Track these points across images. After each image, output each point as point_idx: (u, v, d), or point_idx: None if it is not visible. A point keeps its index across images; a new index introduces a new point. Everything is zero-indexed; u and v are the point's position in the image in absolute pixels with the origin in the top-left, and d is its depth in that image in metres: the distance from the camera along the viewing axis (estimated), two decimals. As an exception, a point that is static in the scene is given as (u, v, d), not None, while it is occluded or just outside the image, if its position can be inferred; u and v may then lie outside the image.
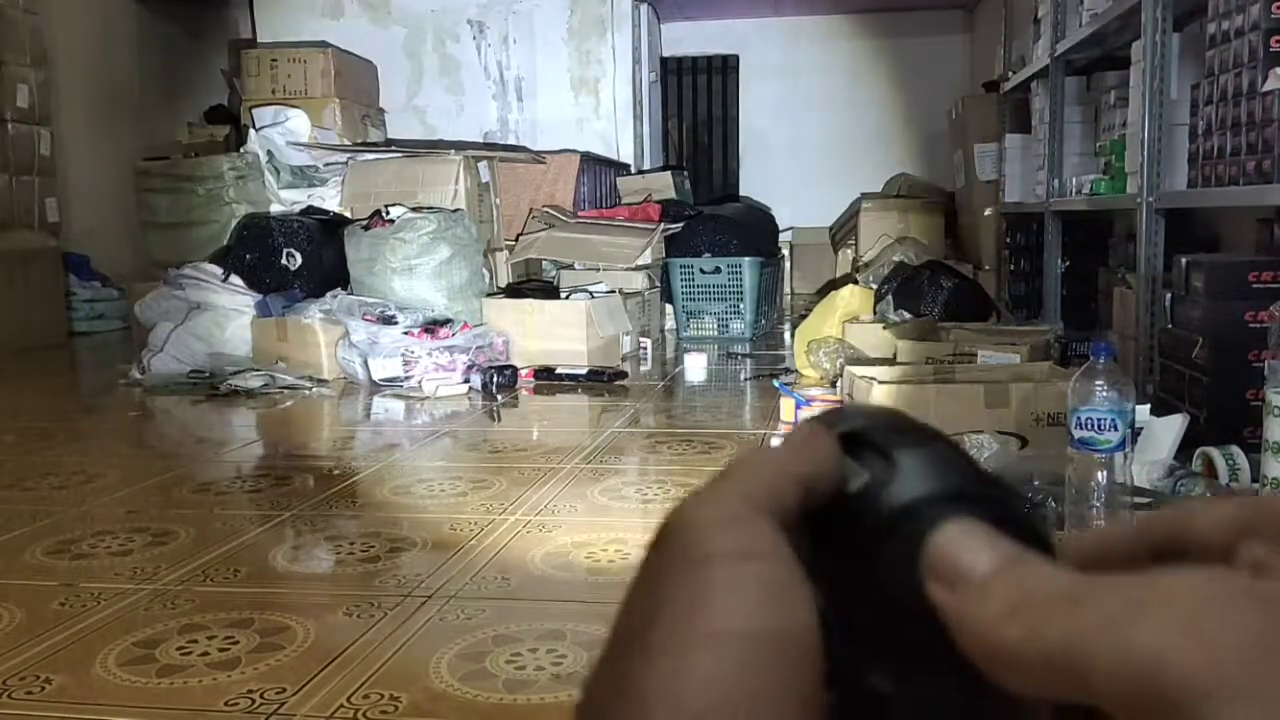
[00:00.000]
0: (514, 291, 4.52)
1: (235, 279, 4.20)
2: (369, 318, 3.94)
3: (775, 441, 0.25)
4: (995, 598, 0.21)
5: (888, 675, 0.24)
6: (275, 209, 4.68)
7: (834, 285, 4.84)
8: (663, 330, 5.28)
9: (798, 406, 3.04)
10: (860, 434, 0.27)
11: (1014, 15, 5.52)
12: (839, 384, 3.31)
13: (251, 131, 5.02)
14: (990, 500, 0.25)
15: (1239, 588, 0.19)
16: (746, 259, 5.29)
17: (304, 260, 4.18)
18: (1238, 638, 0.18)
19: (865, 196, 6.13)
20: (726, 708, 0.21)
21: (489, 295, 4.43)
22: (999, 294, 4.87)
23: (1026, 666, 0.20)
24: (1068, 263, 4.21)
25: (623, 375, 3.94)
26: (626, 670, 0.22)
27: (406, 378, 3.69)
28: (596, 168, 6.24)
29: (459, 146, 5.11)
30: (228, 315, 4.10)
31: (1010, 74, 5.02)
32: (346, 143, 5.15)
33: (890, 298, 4.02)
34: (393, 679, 1.40)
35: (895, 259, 4.75)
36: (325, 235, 4.30)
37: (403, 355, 3.71)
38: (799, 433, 0.27)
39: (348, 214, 4.56)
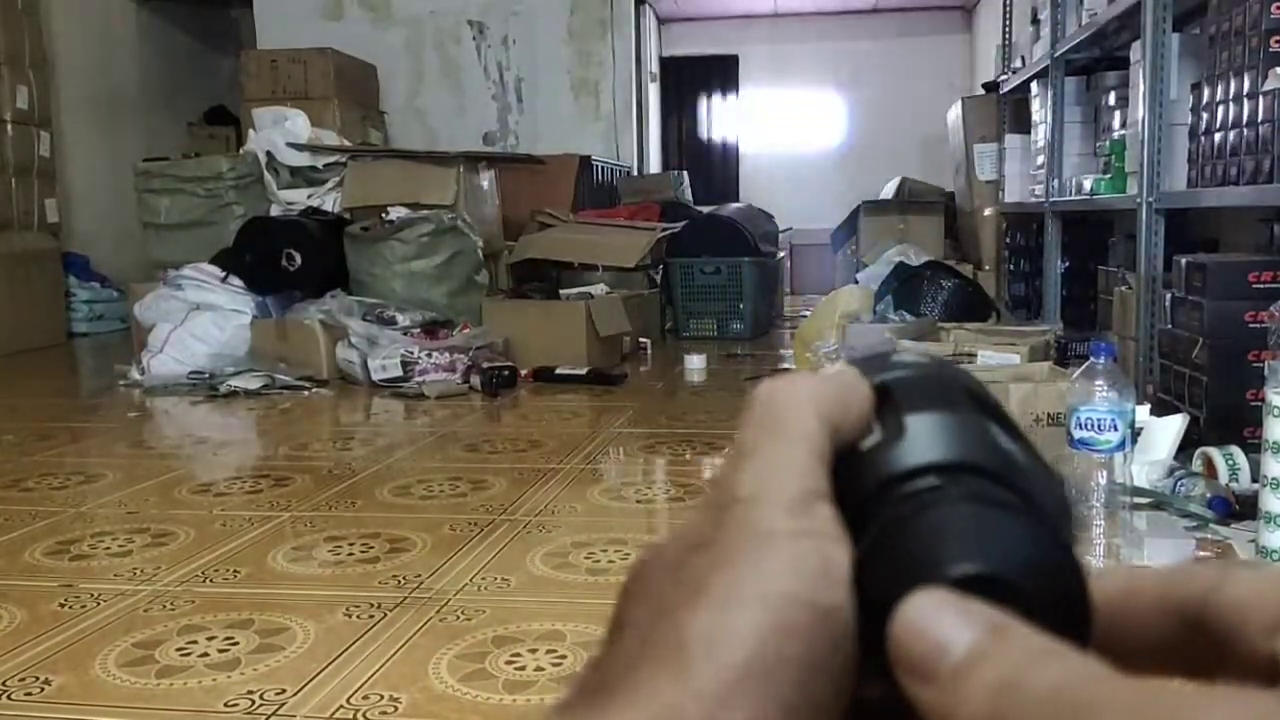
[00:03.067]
0: (514, 292, 4.52)
1: (235, 280, 4.20)
2: (369, 318, 3.94)
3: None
4: (971, 698, 0.19)
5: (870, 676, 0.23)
6: (275, 210, 4.68)
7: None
8: (663, 330, 5.28)
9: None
10: (891, 388, 0.26)
11: (1014, 15, 5.52)
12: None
13: (251, 132, 5.02)
14: (997, 476, 0.23)
15: None
16: (746, 259, 5.29)
17: (304, 261, 4.18)
18: None
19: (865, 204, 6.13)
20: (759, 665, 0.21)
21: (489, 295, 4.43)
22: (999, 294, 4.87)
23: None
24: (1068, 263, 4.21)
25: (623, 375, 3.94)
26: (673, 616, 0.22)
27: (406, 378, 3.68)
28: (596, 169, 6.24)
29: (459, 149, 5.11)
30: (227, 316, 4.09)
31: (1010, 74, 5.02)
32: (346, 144, 5.15)
33: (890, 298, 4.02)
34: (393, 679, 1.40)
35: (895, 259, 4.75)
36: (325, 236, 4.30)
37: (402, 356, 3.71)
38: (839, 375, 0.26)
39: (347, 215, 4.55)
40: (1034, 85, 4.44)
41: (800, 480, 0.23)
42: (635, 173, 7.04)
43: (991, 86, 5.40)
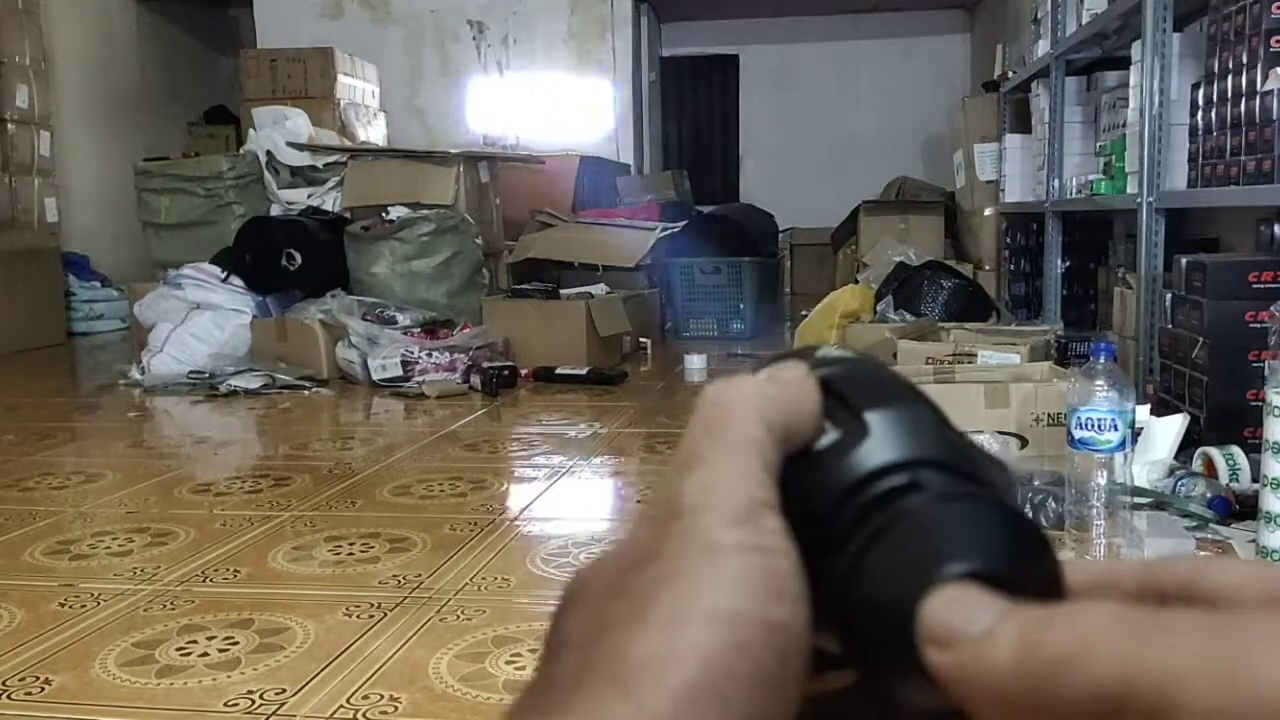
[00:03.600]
0: (514, 292, 4.52)
1: (235, 279, 4.20)
2: (369, 318, 3.94)
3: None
4: (1006, 640, 0.20)
5: (840, 663, 0.23)
6: (275, 209, 4.68)
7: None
8: (663, 330, 5.28)
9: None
10: (833, 384, 0.25)
11: (1014, 15, 5.52)
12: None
13: (251, 132, 5.02)
14: (960, 469, 0.24)
15: None
16: (746, 259, 5.29)
17: (304, 261, 4.18)
18: None
19: (865, 204, 6.13)
20: (709, 684, 0.21)
21: (489, 295, 4.43)
22: (999, 294, 4.87)
23: (1057, 698, 0.19)
24: (1068, 263, 4.21)
25: (623, 375, 3.94)
26: (615, 637, 0.22)
27: (406, 378, 3.68)
28: (596, 168, 6.24)
29: (459, 147, 5.11)
30: (227, 315, 4.09)
31: (1010, 74, 5.02)
32: (346, 143, 5.15)
33: (890, 298, 4.02)
34: (393, 679, 1.40)
35: (895, 259, 4.75)
36: (325, 236, 4.30)
37: (402, 355, 3.71)
38: (786, 375, 0.26)
39: (347, 215, 4.56)
40: (1034, 85, 4.44)
41: (746, 491, 0.23)
42: (635, 173, 7.04)
43: (991, 86, 5.40)
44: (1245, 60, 2.37)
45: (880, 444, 0.24)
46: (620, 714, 0.21)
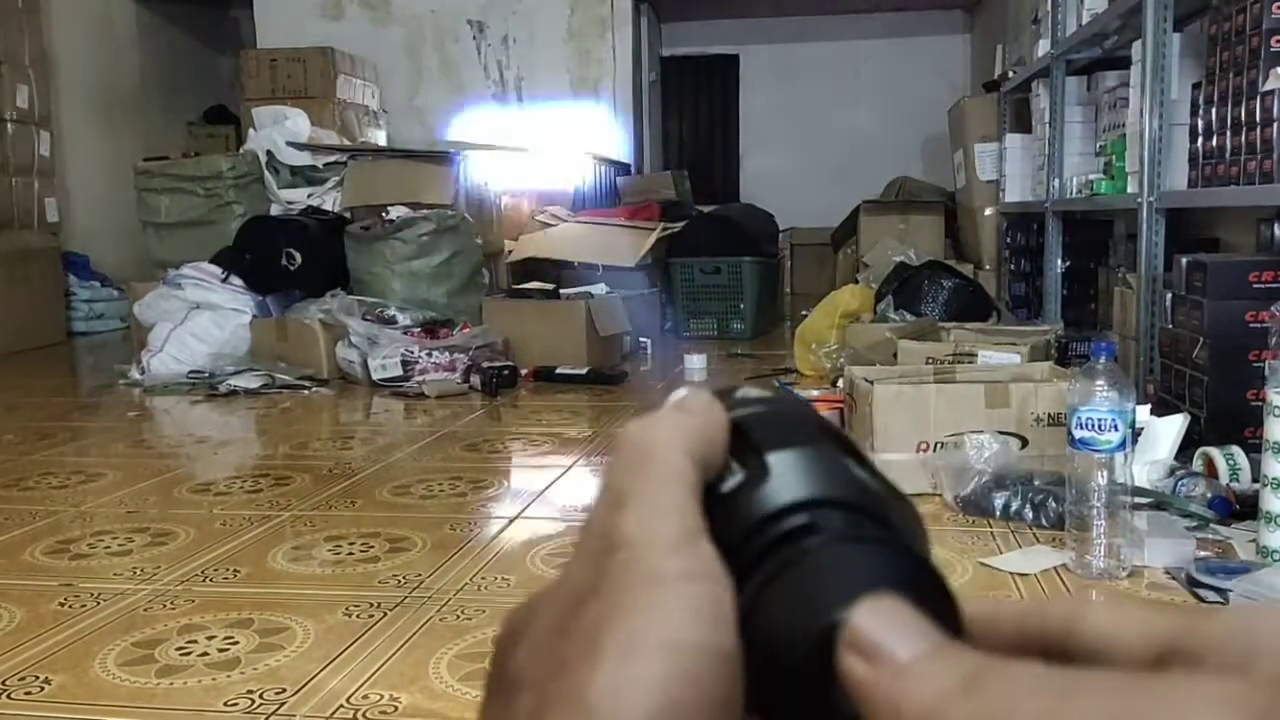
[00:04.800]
0: (514, 291, 4.52)
1: (235, 279, 4.20)
2: (369, 318, 3.94)
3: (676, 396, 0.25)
4: (936, 677, 0.20)
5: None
6: (275, 209, 4.68)
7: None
8: (663, 330, 5.28)
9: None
10: (742, 425, 0.26)
11: (1014, 15, 5.52)
12: (839, 384, 3.30)
13: (251, 132, 5.02)
14: (863, 510, 0.24)
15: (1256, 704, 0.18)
16: (746, 259, 5.29)
17: (304, 260, 4.18)
18: None
19: (865, 204, 6.13)
20: (667, 714, 0.21)
21: (489, 295, 4.43)
22: (999, 294, 4.87)
23: None
24: (1068, 263, 4.21)
25: (623, 375, 3.94)
26: (572, 675, 0.22)
27: (406, 378, 3.68)
28: (596, 168, 6.24)
29: (459, 146, 5.11)
30: (227, 315, 4.09)
31: (1010, 74, 5.02)
32: (346, 143, 5.15)
33: (890, 298, 4.02)
34: (393, 679, 1.40)
35: (895, 259, 4.75)
36: (325, 235, 4.30)
37: (402, 355, 3.71)
38: (695, 404, 0.26)
39: (347, 214, 4.56)
40: (1034, 85, 4.44)
41: (681, 520, 0.23)
42: (635, 173, 7.04)
43: (991, 86, 5.40)
44: (1245, 60, 2.37)
45: (781, 485, 0.24)
46: None
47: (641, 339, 4.71)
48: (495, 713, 0.24)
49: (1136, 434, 1.96)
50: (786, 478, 0.24)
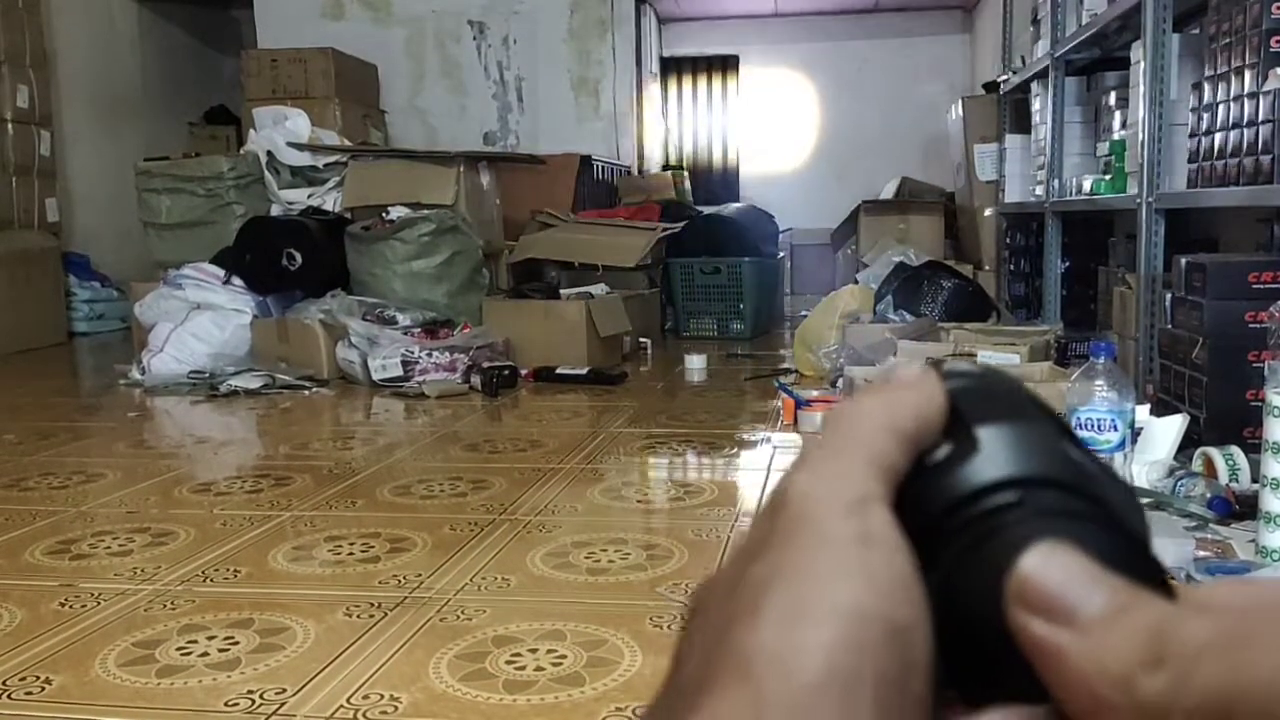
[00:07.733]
0: (514, 292, 4.52)
1: (236, 279, 4.20)
2: (369, 318, 3.94)
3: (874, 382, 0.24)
4: (1124, 643, 0.19)
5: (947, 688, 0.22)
6: (275, 209, 4.68)
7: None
8: (663, 330, 5.28)
9: (798, 406, 3.04)
10: (953, 397, 0.25)
11: (1014, 15, 5.52)
12: (839, 384, 3.31)
13: (252, 132, 5.02)
14: (1075, 489, 0.22)
15: None
16: (746, 259, 5.29)
17: (304, 261, 4.18)
18: None
19: (865, 204, 6.13)
20: (835, 685, 0.20)
21: (489, 295, 4.43)
22: (999, 294, 4.87)
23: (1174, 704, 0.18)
24: (1068, 263, 4.21)
25: (623, 375, 3.94)
26: (733, 634, 0.21)
27: (406, 378, 3.69)
28: (596, 169, 6.24)
29: (460, 149, 5.11)
30: (228, 315, 4.10)
31: (1010, 74, 5.02)
32: (347, 143, 5.15)
33: (890, 298, 4.02)
34: (393, 679, 1.40)
35: (895, 259, 4.75)
36: (325, 236, 4.30)
37: (403, 355, 3.71)
38: (916, 381, 0.25)
39: (348, 215, 4.56)
40: (1034, 85, 4.44)
41: (856, 484, 0.22)
42: (635, 173, 7.04)
43: (991, 86, 5.40)
44: (1245, 60, 2.37)
45: (989, 460, 0.23)
46: (741, 714, 0.20)
47: (641, 339, 4.72)
48: (668, 680, 0.23)
49: (1136, 434, 1.96)
50: (996, 453, 0.23)
